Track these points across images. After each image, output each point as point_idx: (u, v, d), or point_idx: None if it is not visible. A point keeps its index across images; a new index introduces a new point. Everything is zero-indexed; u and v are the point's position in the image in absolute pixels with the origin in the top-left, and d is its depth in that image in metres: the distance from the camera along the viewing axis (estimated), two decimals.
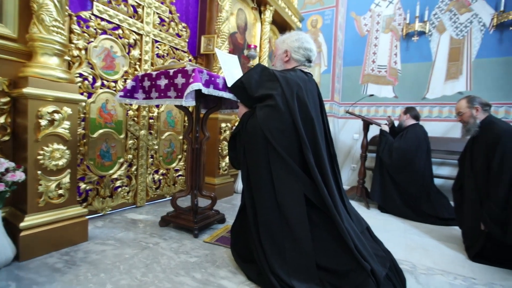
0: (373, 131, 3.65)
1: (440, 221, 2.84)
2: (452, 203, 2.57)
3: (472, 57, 3.67)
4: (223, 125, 3.02)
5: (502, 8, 3.48)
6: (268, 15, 3.84)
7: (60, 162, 1.59)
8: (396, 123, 3.40)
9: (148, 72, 2.03)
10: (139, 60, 2.49)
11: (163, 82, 1.81)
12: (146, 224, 2.15)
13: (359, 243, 1.18)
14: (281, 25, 4.28)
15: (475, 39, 3.67)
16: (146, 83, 1.92)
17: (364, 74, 4.34)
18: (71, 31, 1.98)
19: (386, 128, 3.25)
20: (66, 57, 1.91)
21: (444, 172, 3.65)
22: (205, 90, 1.67)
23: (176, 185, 2.96)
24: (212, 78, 1.74)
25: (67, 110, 1.62)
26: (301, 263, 1.18)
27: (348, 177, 4.33)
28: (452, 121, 3.70)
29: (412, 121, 3.16)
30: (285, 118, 1.22)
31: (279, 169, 1.21)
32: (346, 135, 4.37)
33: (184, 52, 2.95)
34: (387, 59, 4.19)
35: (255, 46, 3.46)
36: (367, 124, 3.45)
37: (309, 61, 1.50)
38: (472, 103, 2.13)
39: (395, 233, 2.56)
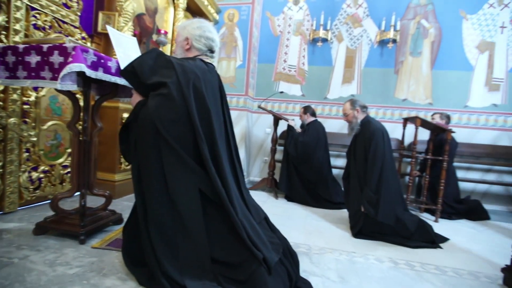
0: (283, 126, 3.91)
1: (334, 206, 3.27)
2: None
3: (362, 65, 4.33)
4: (125, 115, 2.70)
5: (383, 28, 4.20)
6: (181, 0, 3.62)
7: None
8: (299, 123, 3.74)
9: (16, 45, 1.62)
10: (6, 28, 1.97)
11: (34, 59, 1.46)
12: (16, 234, 1.74)
13: (253, 234, 1.21)
14: (197, 14, 4.11)
15: (364, 50, 4.34)
16: (10, 59, 1.52)
17: (277, 72, 4.60)
18: None
19: (293, 124, 3.53)
20: None
21: (339, 163, 4.22)
22: (91, 73, 1.43)
23: (64, 184, 2.51)
24: (102, 61, 1.50)
25: None
26: (195, 259, 1.14)
27: (260, 169, 4.55)
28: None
29: (312, 118, 3.53)
30: (179, 108, 1.15)
31: (171, 162, 1.14)
32: (259, 129, 4.57)
33: (76, 27, 2.49)
34: (296, 60, 4.55)
35: (166, 32, 3.22)
36: (277, 119, 3.67)
37: (211, 51, 1.45)
38: (354, 105, 2.50)
39: (297, 219, 2.81)
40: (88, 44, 2.56)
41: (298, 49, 4.57)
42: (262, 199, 3.49)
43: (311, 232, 2.49)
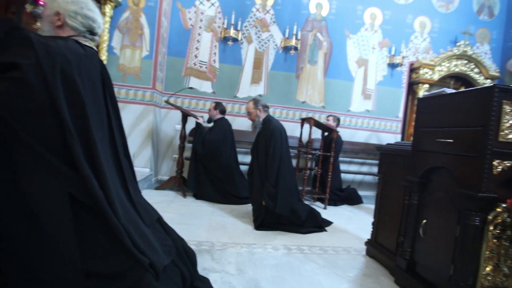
0: (193, 122, 3.80)
1: (241, 201, 3.40)
2: None
3: (268, 68, 4.64)
4: None
5: (286, 35, 4.60)
6: None
7: None
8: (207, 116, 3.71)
9: None
10: None
11: None
12: None
13: (138, 238, 1.12)
14: None
15: (271, 54, 4.66)
16: None
17: (187, 67, 4.45)
18: None
19: (201, 121, 3.48)
20: None
21: (248, 160, 4.40)
22: None
23: None
24: None
25: None
26: (62, 278, 0.97)
27: (169, 168, 4.33)
28: None
29: (219, 115, 3.56)
30: (40, 98, 0.94)
31: (27, 164, 0.92)
32: (169, 125, 4.33)
33: None
34: (207, 56, 4.50)
35: (46, 4, 2.66)
36: (185, 115, 3.55)
37: (92, 33, 1.26)
38: (256, 105, 2.66)
39: (203, 217, 2.79)
40: None
41: (210, 46, 4.53)
42: (169, 198, 3.33)
43: (215, 229, 2.51)
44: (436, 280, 1.60)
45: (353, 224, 3.07)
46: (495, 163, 1.33)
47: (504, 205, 1.36)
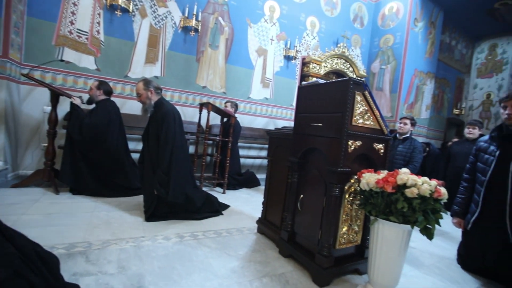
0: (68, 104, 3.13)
1: (133, 192, 3.06)
2: None
3: (166, 47, 4.27)
4: None
5: (186, 15, 4.32)
6: None
7: None
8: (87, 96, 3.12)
9: None
10: None
11: None
12: None
13: None
14: None
15: (169, 33, 4.29)
16: None
17: (60, 35, 3.60)
18: None
19: (78, 102, 2.90)
20: None
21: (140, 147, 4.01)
22: None
23: None
24: None
25: None
26: None
27: (37, 160, 3.48)
28: None
29: (103, 96, 3.05)
30: None
31: None
32: (33, 106, 3.43)
33: None
34: (89, 25, 3.76)
35: None
36: (56, 94, 2.89)
37: None
38: (147, 86, 2.39)
39: (81, 215, 2.37)
40: None
41: (92, 13, 3.79)
42: (34, 197, 2.69)
43: (96, 226, 2.18)
44: (309, 246, 1.84)
45: (249, 205, 3.24)
46: (349, 143, 1.59)
47: (355, 176, 1.66)
